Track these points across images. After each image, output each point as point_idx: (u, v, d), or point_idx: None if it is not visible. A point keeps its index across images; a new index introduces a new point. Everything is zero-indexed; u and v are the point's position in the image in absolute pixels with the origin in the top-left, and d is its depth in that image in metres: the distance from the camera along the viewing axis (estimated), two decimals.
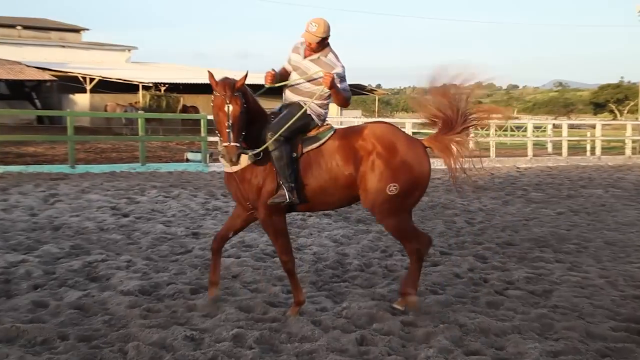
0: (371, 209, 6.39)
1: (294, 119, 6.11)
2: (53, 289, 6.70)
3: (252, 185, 6.09)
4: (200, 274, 7.47)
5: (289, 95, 6.43)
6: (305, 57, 6.39)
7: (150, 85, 41.52)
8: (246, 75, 6.04)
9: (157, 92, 41.60)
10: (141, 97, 41.05)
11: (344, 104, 6.51)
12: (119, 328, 5.62)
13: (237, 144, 5.83)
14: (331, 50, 6.37)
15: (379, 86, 69.14)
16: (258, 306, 6.30)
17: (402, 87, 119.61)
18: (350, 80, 6.70)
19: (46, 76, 43.15)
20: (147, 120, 22.76)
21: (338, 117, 44.40)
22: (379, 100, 53.47)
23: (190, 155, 20.93)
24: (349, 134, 6.41)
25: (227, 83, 5.96)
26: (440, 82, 6.46)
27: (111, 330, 5.55)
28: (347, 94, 6.38)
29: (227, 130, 5.81)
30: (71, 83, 44.51)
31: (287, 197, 5.95)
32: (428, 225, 10.91)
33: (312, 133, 6.31)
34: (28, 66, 43.93)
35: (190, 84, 44.84)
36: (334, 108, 53.02)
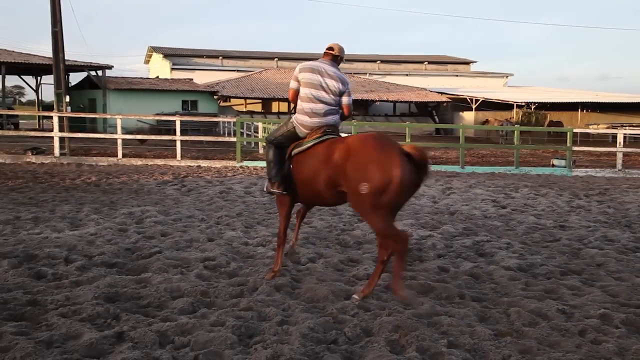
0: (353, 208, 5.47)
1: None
2: (452, 259, 6.87)
3: None
4: (568, 259, 7.02)
5: None
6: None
7: (523, 104, 40.43)
8: None
9: (528, 110, 40.31)
10: (515, 114, 40.19)
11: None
12: (502, 295, 5.54)
13: None
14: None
15: None
16: (623, 292, 5.69)
17: None
18: None
19: (443, 98, 44.80)
20: (520, 132, 22.15)
21: None
22: None
23: (555, 162, 19.87)
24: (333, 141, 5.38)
25: None
26: None
27: (497, 296, 5.49)
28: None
29: None
30: (461, 103, 45.40)
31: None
32: None
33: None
34: (430, 91, 46.05)
35: (556, 102, 42.57)
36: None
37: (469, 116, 45.40)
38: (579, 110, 45.18)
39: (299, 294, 5.37)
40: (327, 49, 5.77)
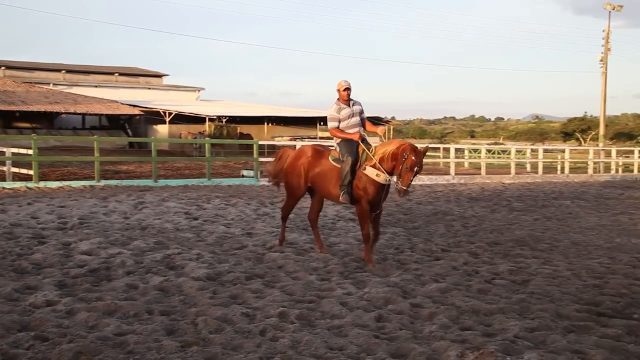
0: None
1: None
2: (142, 275, 6.75)
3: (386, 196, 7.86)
4: (254, 265, 7.49)
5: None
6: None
7: (215, 117, 41.89)
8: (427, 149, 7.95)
9: (220, 123, 41.92)
10: (207, 127, 41.43)
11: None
12: (191, 306, 5.66)
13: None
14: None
15: (393, 118, 68.72)
16: (298, 290, 6.31)
17: (411, 119, 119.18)
18: (371, 113, 7.01)
19: (136, 111, 43.86)
20: (212, 145, 22.94)
21: None
22: (393, 129, 53.23)
23: (245, 172, 21.04)
24: None
25: (421, 152, 7.38)
26: None
27: (186, 307, 5.59)
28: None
29: (410, 180, 7.28)
30: (154, 116, 45.10)
31: None
32: (432, 227, 10.85)
33: None
34: (122, 104, 44.71)
35: (245, 116, 45.19)
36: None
37: (163, 129, 45.32)
38: (266, 123, 48.71)
39: None
40: None
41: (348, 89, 7.90)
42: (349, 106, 7.97)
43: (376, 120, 49.99)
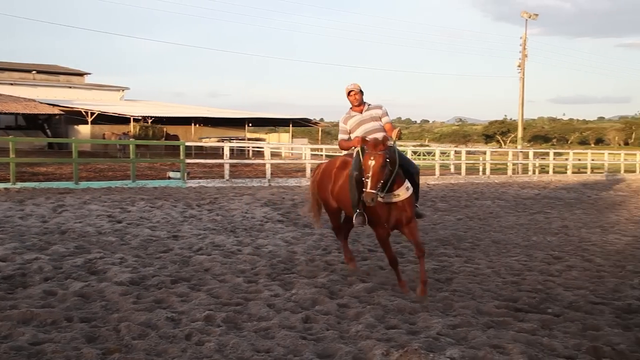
0: None
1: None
2: (60, 280, 6.50)
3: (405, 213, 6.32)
4: (179, 268, 7.35)
5: None
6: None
7: (140, 118, 40.92)
8: (387, 138, 6.12)
9: (145, 124, 40.99)
10: (132, 127, 40.40)
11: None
12: (113, 312, 5.49)
13: (374, 191, 5.81)
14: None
15: (321, 119, 69.26)
16: (225, 293, 6.24)
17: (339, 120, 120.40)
18: (299, 115, 6.95)
19: (56, 111, 42.16)
20: (137, 146, 22.34)
21: (289, 144, 44.50)
22: (322, 131, 53.58)
23: (171, 174, 20.62)
24: None
25: (374, 142, 5.95)
26: None
27: (107, 313, 5.42)
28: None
29: (366, 180, 5.85)
30: (76, 116, 43.61)
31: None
32: (359, 228, 10.96)
33: None
34: (41, 103, 42.93)
35: (172, 117, 44.37)
36: (285, 137, 52.94)
37: (85, 130, 43.85)
38: (193, 124, 48.00)
39: None
40: None
41: (353, 92, 6.75)
42: (361, 112, 6.80)
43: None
